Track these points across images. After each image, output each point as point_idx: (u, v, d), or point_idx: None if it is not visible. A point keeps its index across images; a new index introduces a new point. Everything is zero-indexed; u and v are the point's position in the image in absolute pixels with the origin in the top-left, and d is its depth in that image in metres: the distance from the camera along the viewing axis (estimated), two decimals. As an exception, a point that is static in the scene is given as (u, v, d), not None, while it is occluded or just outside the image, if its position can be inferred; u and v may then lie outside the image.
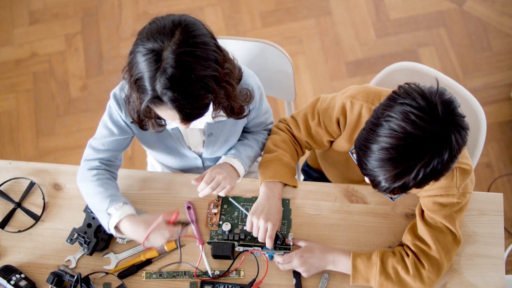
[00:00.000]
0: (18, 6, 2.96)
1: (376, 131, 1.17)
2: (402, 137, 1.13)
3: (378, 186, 1.21)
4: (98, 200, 1.46)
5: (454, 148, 1.15)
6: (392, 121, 1.15)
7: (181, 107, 1.24)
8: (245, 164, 1.60)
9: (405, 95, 1.16)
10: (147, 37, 1.24)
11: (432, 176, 1.18)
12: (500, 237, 1.52)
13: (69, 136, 2.69)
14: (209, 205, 1.58)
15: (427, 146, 1.13)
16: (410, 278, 1.42)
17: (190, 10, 2.88)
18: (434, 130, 1.13)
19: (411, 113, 1.13)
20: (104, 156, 1.52)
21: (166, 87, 1.21)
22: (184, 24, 1.25)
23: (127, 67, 1.30)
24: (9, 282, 1.47)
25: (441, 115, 1.13)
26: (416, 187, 1.20)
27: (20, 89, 2.79)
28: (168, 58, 1.20)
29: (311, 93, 2.73)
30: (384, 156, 1.16)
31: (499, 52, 2.78)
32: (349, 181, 1.66)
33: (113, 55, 2.82)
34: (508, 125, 2.65)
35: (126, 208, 1.45)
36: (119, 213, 1.43)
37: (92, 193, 1.48)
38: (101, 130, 1.50)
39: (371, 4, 2.90)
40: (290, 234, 1.54)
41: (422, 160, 1.14)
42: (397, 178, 1.17)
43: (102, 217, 1.46)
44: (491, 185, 2.55)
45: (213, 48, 1.26)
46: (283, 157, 1.57)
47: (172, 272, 1.52)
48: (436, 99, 1.14)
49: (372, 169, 1.19)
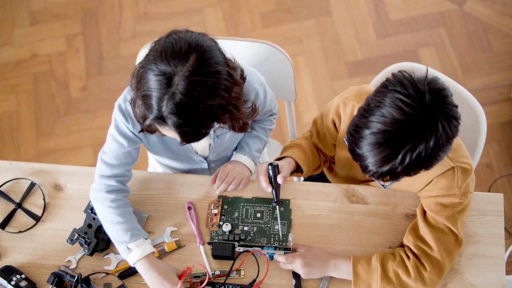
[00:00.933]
0: (18, 6, 2.96)
1: (366, 117, 1.20)
2: (389, 122, 1.16)
3: (367, 170, 1.24)
4: (119, 231, 1.46)
5: (440, 136, 1.16)
6: (382, 108, 1.18)
7: (183, 132, 1.25)
8: (255, 159, 1.63)
9: (396, 82, 1.19)
10: (160, 57, 1.22)
11: (419, 163, 1.19)
12: (500, 237, 1.53)
13: (69, 137, 2.69)
14: (210, 205, 1.58)
15: (412, 132, 1.16)
16: (411, 281, 1.42)
17: (190, 11, 2.89)
18: (420, 117, 1.15)
19: (399, 100, 1.16)
20: (118, 172, 1.51)
21: (172, 112, 1.21)
22: (200, 51, 1.23)
23: (136, 77, 1.29)
24: (9, 283, 1.47)
25: (429, 102, 1.15)
26: (405, 173, 1.22)
27: (21, 89, 2.79)
28: (178, 84, 1.20)
29: (311, 94, 2.73)
30: (372, 141, 1.19)
31: (499, 53, 2.78)
32: (352, 183, 1.67)
33: (113, 55, 2.82)
34: (508, 126, 2.65)
35: (147, 247, 1.46)
36: (140, 251, 1.45)
37: (112, 221, 1.47)
38: (111, 144, 1.49)
39: (371, 4, 2.90)
40: (290, 235, 1.54)
41: (408, 145, 1.16)
42: (384, 162, 1.19)
43: (121, 249, 1.47)
44: (492, 185, 2.55)
45: (225, 76, 1.26)
46: (300, 144, 1.62)
47: (173, 273, 1.52)
48: (425, 87, 1.16)
49: (361, 153, 1.22)
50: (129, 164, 1.52)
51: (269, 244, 1.53)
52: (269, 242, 1.54)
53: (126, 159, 1.50)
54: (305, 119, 2.69)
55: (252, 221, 1.56)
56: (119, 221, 1.46)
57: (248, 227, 1.56)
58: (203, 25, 2.86)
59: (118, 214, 1.47)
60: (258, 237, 1.54)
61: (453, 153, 1.38)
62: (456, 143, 1.40)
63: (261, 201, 1.59)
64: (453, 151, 1.38)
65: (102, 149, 1.51)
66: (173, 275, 1.46)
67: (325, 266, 1.47)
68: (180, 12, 2.89)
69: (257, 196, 1.59)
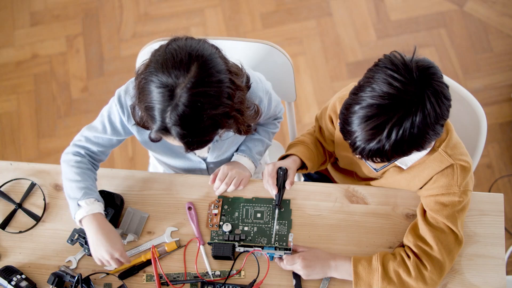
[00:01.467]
0: (19, 7, 2.96)
1: (357, 94, 1.23)
2: (378, 96, 1.19)
3: (355, 147, 1.25)
4: (74, 188, 1.48)
5: (428, 111, 1.18)
6: (372, 83, 1.21)
7: (188, 142, 1.27)
8: (255, 161, 1.63)
9: (386, 61, 1.22)
10: (161, 68, 1.23)
11: (407, 140, 1.20)
12: (500, 237, 1.52)
13: (70, 137, 2.66)
14: (210, 205, 1.59)
15: (399, 104, 1.18)
16: (412, 280, 1.42)
17: (190, 11, 2.89)
18: (408, 90, 1.18)
19: (389, 76, 1.19)
20: (93, 148, 1.55)
21: (175, 124, 1.23)
22: (201, 61, 1.23)
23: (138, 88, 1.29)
24: (10, 283, 1.47)
25: (416, 78, 1.18)
26: (394, 152, 1.22)
27: (21, 90, 2.79)
28: (181, 96, 1.20)
29: (312, 94, 2.73)
30: (361, 114, 1.21)
31: (499, 53, 2.78)
32: (353, 181, 1.67)
33: (114, 56, 2.83)
34: (508, 126, 2.65)
35: (96, 206, 1.46)
36: (88, 209, 1.45)
37: (69, 179, 1.50)
38: (97, 124, 1.52)
39: (371, 5, 2.90)
40: (290, 235, 1.54)
41: (394, 118, 1.18)
42: (371, 136, 1.21)
43: (72, 205, 1.48)
44: (492, 185, 2.55)
45: (227, 84, 1.26)
46: (304, 140, 1.63)
47: (173, 274, 1.52)
48: (413, 63, 1.19)
49: (351, 130, 1.24)
50: (105, 147, 1.56)
51: (269, 244, 1.53)
52: (269, 242, 1.54)
53: (104, 142, 1.54)
54: (306, 119, 2.70)
55: (252, 221, 1.57)
56: (76, 179, 1.48)
57: (248, 227, 1.56)
58: (204, 26, 2.86)
59: (77, 173, 1.49)
60: (258, 237, 1.55)
61: (452, 149, 1.39)
62: (455, 140, 1.40)
63: (261, 201, 1.59)
64: (452, 148, 1.39)
65: (90, 124, 1.55)
66: (119, 241, 1.45)
67: (325, 266, 1.47)
68: (181, 12, 2.90)
69: (257, 196, 1.59)
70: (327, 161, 1.69)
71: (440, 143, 1.38)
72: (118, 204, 1.55)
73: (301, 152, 1.61)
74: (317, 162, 1.65)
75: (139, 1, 2.94)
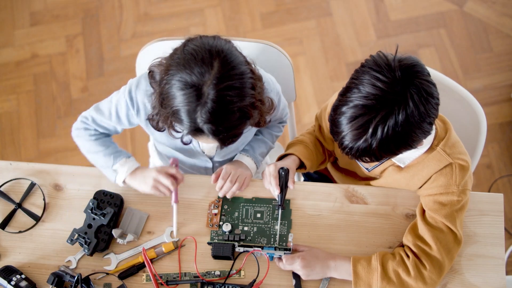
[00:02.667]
0: (19, 7, 2.96)
1: (345, 95, 1.25)
2: (363, 96, 1.20)
3: (343, 146, 1.27)
4: (102, 157, 1.54)
5: (411, 109, 1.19)
6: (359, 85, 1.22)
7: (222, 138, 1.29)
8: (257, 162, 1.63)
9: (371, 62, 1.24)
10: (184, 69, 1.23)
11: (393, 139, 1.21)
12: (500, 237, 1.52)
13: (69, 137, 2.65)
14: (210, 205, 1.58)
15: (382, 104, 1.19)
16: (412, 280, 1.42)
17: (190, 11, 2.89)
18: (391, 90, 1.19)
19: (374, 77, 1.20)
20: (98, 129, 1.59)
21: (208, 122, 1.24)
22: (223, 55, 1.24)
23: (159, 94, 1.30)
24: (9, 283, 1.47)
25: (399, 77, 1.19)
26: (382, 151, 1.23)
27: (21, 90, 2.79)
28: (209, 93, 1.21)
29: (312, 94, 2.73)
30: (348, 115, 1.22)
31: (499, 53, 2.78)
32: (353, 181, 1.67)
33: (114, 56, 2.82)
34: (508, 126, 2.65)
35: (131, 163, 1.54)
36: (125, 169, 1.53)
37: (94, 151, 1.55)
38: (104, 108, 1.55)
39: (371, 5, 2.90)
40: (290, 235, 1.54)
41: (377, 116, 1.19)
42: (358, 135, 1.22)
43: (108, 174, 1.55)
44: (492, 185, 2.55)
45: (249, 75, 1.28)
46: (303, 140, 1.64)
47: (173, 274, 1.52)
48: (396, 63, 1.21)
49: (339, 131, 1.25)
50: (108, 131, 1.60)
51: (269, 244, 1.53)
52: (269, 242, 1.54)
53: (108, 127, 1.58)
54: (306, 119, 2.69)
55: (252, 221, 1.57)
56: (99, 149, 1.54)
57: (248, 227, 1.56)
58: (204, 26, 2.86)
59: (97, 144, 1.55)
60: (258, 237, 1.55)
61: (451, 148, 1.39)
62: (453, 139, 1.41)
63: (261, 201, 1.59)
64: (451, 147, 1.39)
65: (101, 102, 1.56)
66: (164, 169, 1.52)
67: (325, 266, 1.47)
68: (181, 12, 2.89)
69: (257, 196, 1.59)
70: (326, 160, 1.70)
71: (439, 141, 1.39)
72: (117, 204, 1.56)
73: (300, 151, 1.61)
74: (316, 161, 1.65)
75: (139, 1, 2.94)
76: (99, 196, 1.57)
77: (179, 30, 2.84)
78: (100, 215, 1.53)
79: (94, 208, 1.54)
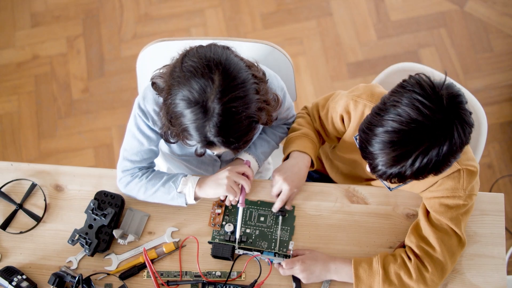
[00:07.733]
0: (19, 8, 2.96)
1: (381, 115, 1.19)
2: (405, 121, 1.15)
3: (376, 169, 1.23)
4: (162, 189, 1.51)
5: (455, 141, 1.16)
6: (398, 107, 1.17)
7: (235, 147, 1.30)
8: (259, 160, 1.63)
9: (414, 84, 1.18)
10: (186, 88, 1.23)
11: (430, 168, 1.18)
12: (501, 237, 1.52)
13: (70, 138, 2.69)
14: (213, 205, 1.58)
15: (427, 133, 1.15)
16: (413, 283, 1.42)
17: (191, 12, 2.89)
18: (437, 119, 1.14)
19: (417, 100, 1.15)
20: (141, 165, 1.55)
21: (218, 135, 1.25)
22: (222, 67, 1.24)
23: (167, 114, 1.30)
24: (10, 283, 1.47)
25: (446, 105, 1.14)
26: (413, 177, 1.21)
27: (22, 91, 2.79)
28: (214, 108, 1.22)
29: (312, 94, 2.73)
30: (385, 139, 1.18)
31: (500, 53, 2.78)
32: (353, 181, 1.66)
33: (114, 56, 2.83)
34: (509, 126, 2.65)
35: (191, 179, 1.51)
36: (190, 185, 1.50)
37: (153, 191, 1.52)
38: (131, 141, 1.51)
39: (371, 5, 2.90)
40: (291, 243, 1.53)
41: (421, 147, 1.15)
42: (394, 162, 1.19)
43: (179, 200, 1.51)
44: (493, 185, 2.55)
45: (252, 80, 1.28)
46: (309, 134, 1.60)
47: (174, 272, 1.52)
48: (443, 90, 1.16)
49: (373, 151, 1.21)
50: (151, 158, 1.56)
51: (269, 249, 1.53)
52: (269, 247, 1.53)
53: (148, 155, 1.54)
54: (306, 119, 2.69)
55: (255, 224, 1.56)
56: (157, 187, 1.51)
57: (250, 230, 1.56)
58: (204, 26, 2.86)
59: (152, 183, 1.52)
60: (259, 241, 1.54)
61: None
62: None
63: (266, 205, 1.58)
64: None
65: (123, 146, 1.54)
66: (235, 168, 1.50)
67: (325, 269, 1.47)
68: (181, 13, 2.90)
69: (263, 200, 1.59)
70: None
71: None
72: (118, 205, 1.56)
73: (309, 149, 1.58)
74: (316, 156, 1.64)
75: (140, 1, 2.94)
76: (100, 196, 1.57)
77: (179, 30, 2.84)
78: (101, 215, 1.53)
79: (95, 209, 1.54)
